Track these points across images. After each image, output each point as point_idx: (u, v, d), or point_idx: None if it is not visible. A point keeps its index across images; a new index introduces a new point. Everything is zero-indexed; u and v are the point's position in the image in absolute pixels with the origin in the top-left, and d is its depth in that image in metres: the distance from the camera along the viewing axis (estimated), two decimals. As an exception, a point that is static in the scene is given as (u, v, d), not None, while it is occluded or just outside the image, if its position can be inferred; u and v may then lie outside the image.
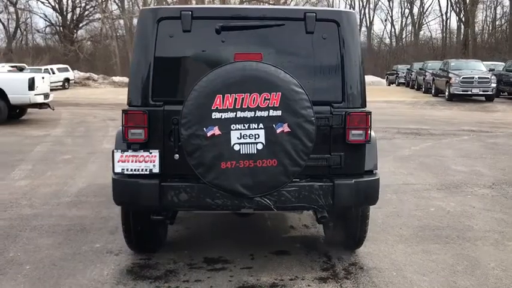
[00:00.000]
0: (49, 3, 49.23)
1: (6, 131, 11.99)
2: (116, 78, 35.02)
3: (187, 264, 4.03)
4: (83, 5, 49.03)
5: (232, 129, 3.24)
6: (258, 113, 3.24)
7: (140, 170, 3.53)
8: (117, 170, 3.55)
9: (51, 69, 30.03)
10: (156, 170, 3.53)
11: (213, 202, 3.49)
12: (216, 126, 3.23)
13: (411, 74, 29.72)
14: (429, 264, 4.06)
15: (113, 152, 3.56)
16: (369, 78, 39.07)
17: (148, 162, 3.53)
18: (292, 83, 3.28)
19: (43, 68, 30.26)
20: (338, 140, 3.62)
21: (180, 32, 3.56)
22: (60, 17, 49.69)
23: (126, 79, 36.96)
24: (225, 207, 3.56)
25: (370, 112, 3.68)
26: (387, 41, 55.33)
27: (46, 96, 14.17)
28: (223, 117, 3.23)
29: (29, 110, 14.61)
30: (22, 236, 4.67)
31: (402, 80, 33.42)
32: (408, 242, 4.59)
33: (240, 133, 3.24)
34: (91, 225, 5.00)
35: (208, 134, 3.24)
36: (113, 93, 28.91)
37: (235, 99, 3.22)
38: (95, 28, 48.78)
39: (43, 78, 14.46)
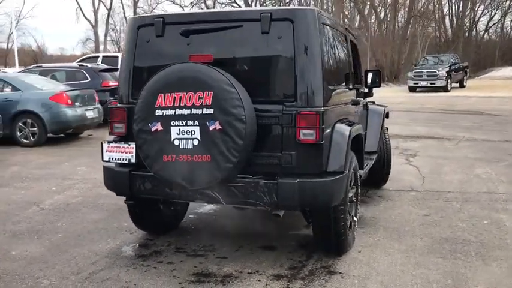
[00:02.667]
0: (238, 5, 53.35)
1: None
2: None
3: (177, 247, 4.41)
4: (270, 6, 51.84)
5: (172, 126, 3.52)
6: (194, 111, 3.46)
7: (122, 160, 4.04)
8: (105, 158, 4.11)
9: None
10: (133, 160, 3.99)
11: (171, 192, 3.82)
12: (159, 122, 3.55)
13: None
14: (406, 277, 3.73)
15: (101, 143, 4.14)
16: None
17: (128, 153, 4.01)
18: (224, 82, 3.41)
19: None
20: (289, 139, 3.61)
21: (154, 37, 3.95)
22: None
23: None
24: (182, 198, 3.86)
25: (322, 112, 3.58)
26: None
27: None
28: (164, 114, 3.53)
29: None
30: (80, 211, 5.60)
31: None
32: (411, 253, 4.22)
33: (179, 129, 3.51)
34: (139, 207, 5.70)
35: (153, 129, 3.58)
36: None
37: (175, 97, 3.50)
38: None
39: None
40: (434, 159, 8.58)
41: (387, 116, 6.93)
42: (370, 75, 5.61)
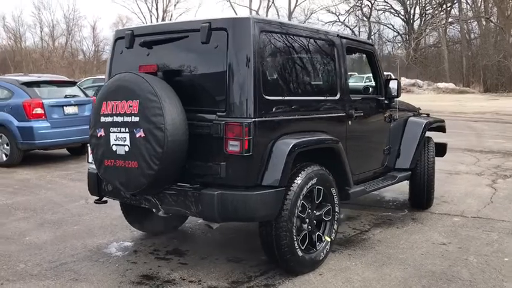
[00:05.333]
0: (398, 14, 51.44)
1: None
2: (441, 85, 34.10)
3: (154, 249, 4.59)
4: (430, 11, 49.04)
5: (111, 132, 3.71)
6: (126, 118, 3.61)
7: (101, 162, 4.37)
8: (89, 160, 4.48)
9: (368, 77, 31.88)
10: (108, 163, 4.29)
11: (124, 195, 4.03)
12: (103, 128, 3.77)
13: None
14: (337, 307, 3.38)
15: (87, 145, 4.52)
16: None
17: None
18: (148, 91, 3.49)
19: (366, 76, 32.45)
20: (219, 150, 3.55)
21: (125, 48, 4.20)
22: (406, 26, 51.32)
23: (451, 85, 35.50)
24: (132, 201, 4.04)
25: (250, 123, 3.45)
26: None
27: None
28: (106, 120, 3.74)
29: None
30: (112, 207, 5.95)
31: None
32: (375, 283, 3.77)
33: (116, 135, 3.68)
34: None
35: (99, 135, 3.81)
36: (427, 100, 28.47)
37: (112, 105, 3.69)
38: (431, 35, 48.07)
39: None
40: (528, 182, 7.41)
41: (442, 130, 6.25)
42: (391, 84, 5.14)
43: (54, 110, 9.16)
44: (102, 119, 3.77)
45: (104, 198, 4.40)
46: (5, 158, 9.17)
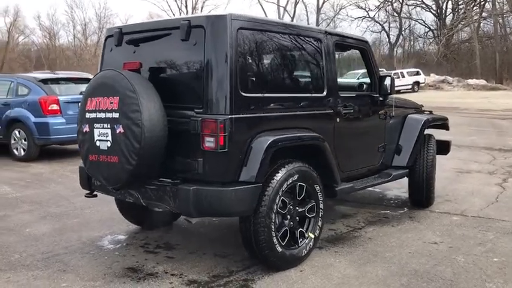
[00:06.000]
0: (429, 9, 50.41)
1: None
2: (471, 81, 33.26)
3: (145, 243, 4.69)
4: (462, 6, 47.86)
5: (95, 128, 3.81)
6: (107, 115, 3.70)
7: (93, 157, 4.49)
8: (83, 156, 4.62)
9: (401, 73, 31.50)
10: (99, 158, 4.40)
11: (111, 190, 4.13)
12: (87, 124, 3.88)
13: None
14: (310, 304, 3.39)
15: (80, 141, 4.64)
16: None
17: None
18: (127, 88, 3.57)
19: (394, 72, 32.01)
20: (197, 146, 3.60)
21: (114, 46, 4.29)
22: (438, 22, 50.23)
23: (482, 82, 34.60)
24: (119, 195, 4.14)
25: (225, 120, 3.49)
26: None
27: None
28: (90, 117, 3.84)
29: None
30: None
31: None
32: (353, 280, 3.76)
33: (99, 131, 3.78)
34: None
35: (84, 130, 3.92)
36: (455, 97, 27.93)
37: (96, 102, 3.78)
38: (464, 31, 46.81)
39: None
40: (541, 182, 7.20)
41: (446, 128, 6.15)
42: (385, 81, 5.08)
43: (69, 106, 9.41)
44: (87, 115, 3.87)
45: (95, 192, 4.51)
46: (23, 153, 9.49)
